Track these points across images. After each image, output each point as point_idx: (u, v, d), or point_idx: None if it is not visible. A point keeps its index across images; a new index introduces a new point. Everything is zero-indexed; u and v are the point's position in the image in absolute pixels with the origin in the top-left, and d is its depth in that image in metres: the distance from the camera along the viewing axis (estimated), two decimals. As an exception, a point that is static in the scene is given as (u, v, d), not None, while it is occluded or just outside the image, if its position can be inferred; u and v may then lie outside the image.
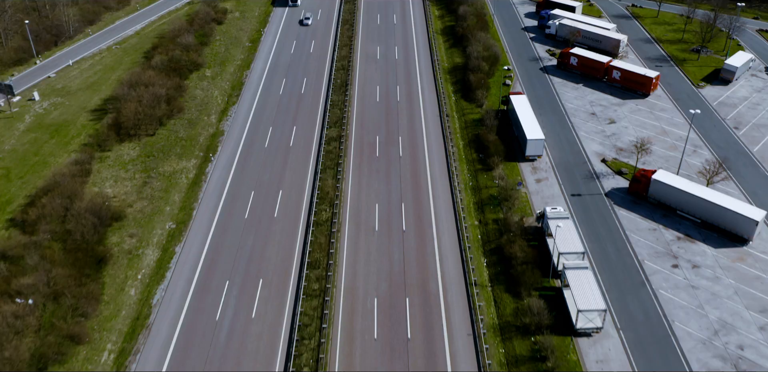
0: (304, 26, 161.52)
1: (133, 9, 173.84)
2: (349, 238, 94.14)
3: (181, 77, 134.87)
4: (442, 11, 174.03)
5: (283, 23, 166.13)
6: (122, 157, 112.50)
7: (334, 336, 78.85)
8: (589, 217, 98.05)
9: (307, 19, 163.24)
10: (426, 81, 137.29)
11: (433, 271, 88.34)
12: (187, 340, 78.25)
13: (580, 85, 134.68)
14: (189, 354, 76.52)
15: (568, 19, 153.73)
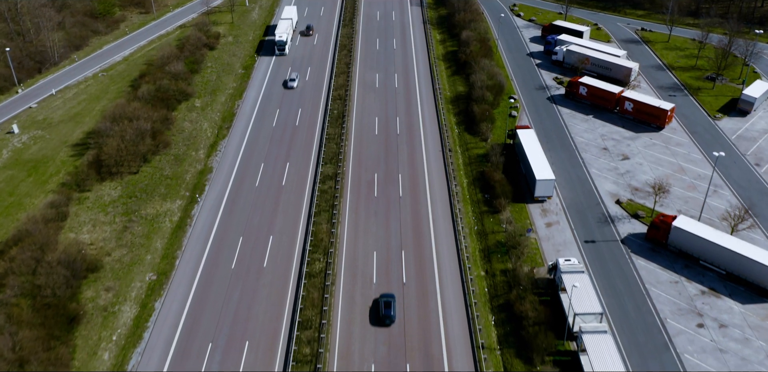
0: (288, 89, 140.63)
1: (123, 33, 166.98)
2: (345, 292, 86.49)
3: (168, 108, 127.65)
4: (444, 35, 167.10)
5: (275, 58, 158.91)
6: (102, 198, 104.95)
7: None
8: (604, 268, 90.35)
9: (292, 81, 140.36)
10: (427, 112, 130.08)
11: (436, 331, 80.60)
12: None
13: (590, 117, 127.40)
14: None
15: (576, 45, 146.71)
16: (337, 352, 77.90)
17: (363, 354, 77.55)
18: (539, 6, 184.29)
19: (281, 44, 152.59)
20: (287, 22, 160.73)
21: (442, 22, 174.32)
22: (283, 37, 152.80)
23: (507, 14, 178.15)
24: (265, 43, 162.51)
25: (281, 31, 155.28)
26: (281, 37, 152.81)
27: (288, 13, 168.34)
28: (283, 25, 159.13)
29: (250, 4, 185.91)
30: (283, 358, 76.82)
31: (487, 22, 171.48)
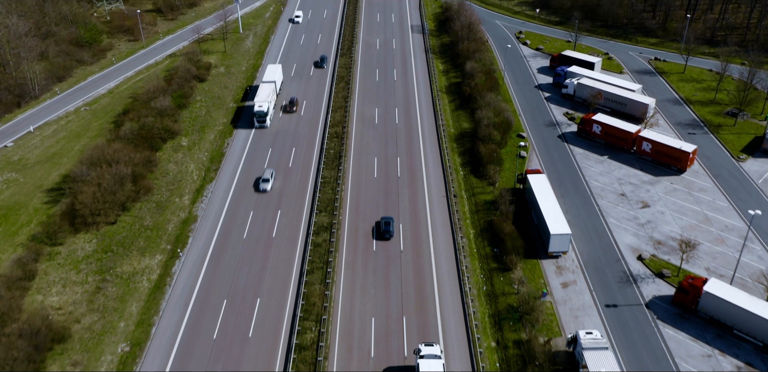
0: (261, 192, 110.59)
1: (109, 63, 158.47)
2: (339, 368, 76.96)
3: (152, 148, 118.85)
4: (447, 65, 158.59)
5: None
6: (75, 253, 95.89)
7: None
8: (629, 339, 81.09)
9: (265, 182, 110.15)
10: (430, 151, 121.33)
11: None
12: None
13: (606, 158, 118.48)
14: None
15: (588, 78, 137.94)
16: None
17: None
18: (546, 33, 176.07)
19: (261, 115, 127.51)
20: (269, 87, 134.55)
21: (445, 51, 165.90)
22: (263, 106, 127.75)
23: (513, 44, 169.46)
24: (244, 111, 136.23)
25: (261, 99, 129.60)
26: (261, 106, 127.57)
27: (271, 74, 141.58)
28: (265, 90, 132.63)
29: (244, 31, 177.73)
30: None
31: (492, 51, 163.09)
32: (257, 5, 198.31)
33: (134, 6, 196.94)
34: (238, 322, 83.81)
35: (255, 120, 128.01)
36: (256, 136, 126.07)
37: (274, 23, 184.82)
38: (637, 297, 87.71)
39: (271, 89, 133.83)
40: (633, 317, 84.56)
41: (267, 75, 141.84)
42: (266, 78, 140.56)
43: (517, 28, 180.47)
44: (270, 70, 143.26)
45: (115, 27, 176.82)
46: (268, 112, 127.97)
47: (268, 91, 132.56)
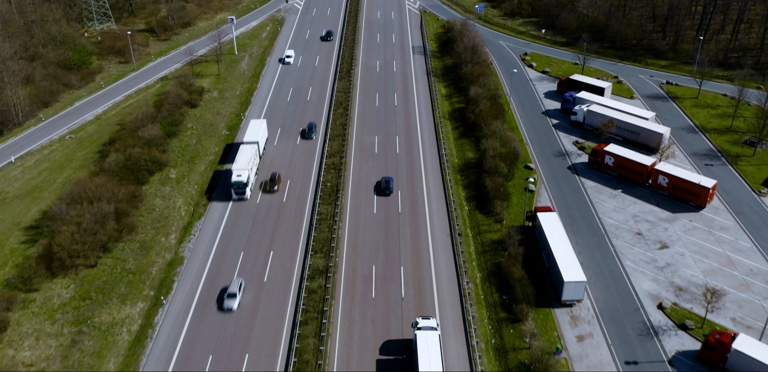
0: (226, 311, 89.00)
1: (97, 87, 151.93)
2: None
3: (138, 182, 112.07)
4: (450, 89, 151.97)
5: (267, 105, 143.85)
6: (51, 301, 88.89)
7: None
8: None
9: (230, 297, 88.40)
10: (433, 184, 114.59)
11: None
12: None
13: (619, 192, 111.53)
14: None
15: (598, 105, 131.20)
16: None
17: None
18: (552, 55, 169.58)
19: (239, 186, 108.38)
20: (250, 150, 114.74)
21: (448, 74, 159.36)
22: (242, 175, 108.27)
23: (518, 66, 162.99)
24: (221, 177, 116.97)
25: (241, 166, 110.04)
26: (239, 175, 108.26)
27: (253, 132, 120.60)
28: (245, 155, 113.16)
29: (239, 52, 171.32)
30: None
31: (497, 74, 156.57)
32: (253, 25, 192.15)
33: (127, 26, 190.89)
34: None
35: (233, 191, 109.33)
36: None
37: (270, 44, 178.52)
38: (659, 352, 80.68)
39: (252, 153, 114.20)
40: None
41: (249, 133, 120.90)
42: (248, 137, 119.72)
43: (522, 49, 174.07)
44: (252, 127, 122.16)
45: (106, 48, 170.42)
46: (247, 182, 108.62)
47: (249, 155, 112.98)
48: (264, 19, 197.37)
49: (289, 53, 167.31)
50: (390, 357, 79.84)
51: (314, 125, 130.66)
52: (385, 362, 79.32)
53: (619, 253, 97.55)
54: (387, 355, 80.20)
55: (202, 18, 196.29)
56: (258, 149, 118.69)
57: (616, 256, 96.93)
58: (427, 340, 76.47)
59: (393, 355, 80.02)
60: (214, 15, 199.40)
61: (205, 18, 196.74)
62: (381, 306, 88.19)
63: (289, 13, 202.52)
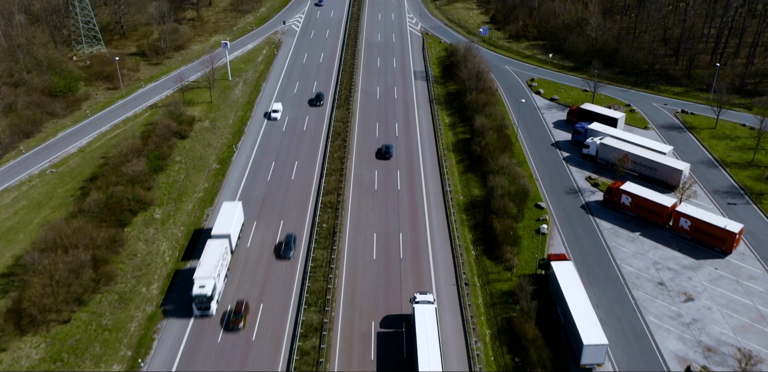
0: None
1: (83, 115, 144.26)
2: None
3: (120, 223, 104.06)
4: (454, 118, 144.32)
5: (261, 135, 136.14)
6: (19, 363, 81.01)
7: None
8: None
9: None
10: (437, 225, 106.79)
11: None
12: None
13: (638, 235, 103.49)
14: None
15: (612, 138, 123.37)
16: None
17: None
18: (561, 80, 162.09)
19: (202, 301, 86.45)
20: (219, 247, 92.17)
21: (452, 101, 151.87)
22: (206, 286, 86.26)
23: (525, 92, 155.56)
24: (181, 282, 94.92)
25: (205, 273, 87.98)
26: (203, 286, 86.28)
27: (224, 222, 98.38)
28: (212, 254, 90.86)
29: (233, 77, 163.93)
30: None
31: (503, 102, 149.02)
32: (249, 48, 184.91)
33: (118, 49, 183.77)
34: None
35: (194, 306, 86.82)
36: (242, 203, 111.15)
37: (266, 69, 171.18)
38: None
39: (222, 251, 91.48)
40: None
41: (219, 223, 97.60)
42: (218, 228, 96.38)
43: (529, 74, 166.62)
44: (224, 214, 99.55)
45: (95, 73, 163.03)
46: (212, 296, 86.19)
47: (217, 256, 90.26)
48: (260, 42, 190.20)
49: (276, 107, 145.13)
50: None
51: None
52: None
53: (640, 306, 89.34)
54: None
55: (196, 41, 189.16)
56: (230, 243, 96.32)
57: (638, 310, 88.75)
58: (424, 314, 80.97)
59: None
60: (209, 38, 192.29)
61: (199, 41, 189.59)
62: (384, 365, 79.72)
63: (286, 36, 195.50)
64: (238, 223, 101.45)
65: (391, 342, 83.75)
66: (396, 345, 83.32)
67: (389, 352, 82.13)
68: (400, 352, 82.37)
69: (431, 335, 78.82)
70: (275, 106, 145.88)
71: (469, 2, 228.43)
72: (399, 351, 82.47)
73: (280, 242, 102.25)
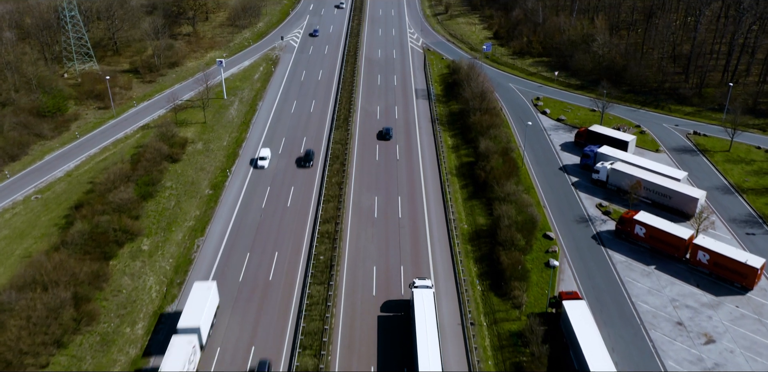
0: None
1: (71, 137, 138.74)
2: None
3: (105, 256, 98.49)
4: (457, 139, 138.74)
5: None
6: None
7: None
8: None
9: None
10: (440, 257, 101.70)
11: None
12: None
13: (653, 269, 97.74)
14: None
15: (623, 163, 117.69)
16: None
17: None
18: (567, 99, 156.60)
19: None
20: (186, 346, 77.11)
21: (454, 121, 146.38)
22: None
23: (531, 112, 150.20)
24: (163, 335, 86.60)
25: (175, 361, 74.57)
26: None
27: (194, 311, 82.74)
28: (176, 356, 75.53)
29: (228, 96, 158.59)
30: None
31: (508, 123, 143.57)
32: (246, 65, 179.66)
33: (110, 65, 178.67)
34: None
35: None
36: (234, 233, 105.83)
37: (263, 87, 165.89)
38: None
39: (189, 351, 76.33)
40: None
41: (187, 313, 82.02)
42: (184, 320, 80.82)
43: (534, 92, 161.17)
44: (193, 302, 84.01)
45: (85, 92, 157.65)
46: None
47: (182, 359, 75.11)
48: (257, 58, 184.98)
49: (263, 154, 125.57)
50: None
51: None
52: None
53: (659, 349, 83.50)
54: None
55: (191, 57, 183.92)
56: (199, 340, 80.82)
57: (656, 353, 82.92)
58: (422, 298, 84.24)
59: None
60: (204, 54, 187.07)
61: (195, 57, 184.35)
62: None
63: (284, 52, 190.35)
64: (210, 310, 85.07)
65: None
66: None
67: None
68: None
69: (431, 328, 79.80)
70: (263, 152, 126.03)
71: (472, 17, 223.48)
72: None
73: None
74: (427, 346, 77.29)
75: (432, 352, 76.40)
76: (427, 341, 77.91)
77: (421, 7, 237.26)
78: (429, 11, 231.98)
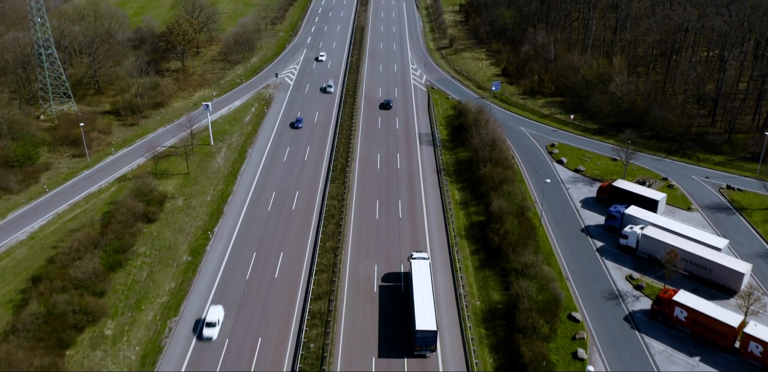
0: None
1: (40, 191, 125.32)
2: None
3: (61, 345, 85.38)
4: (465, 193, 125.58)
5: (243, 216, 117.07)
6: None
7: None
8: None
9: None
10: (450, 342, 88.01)
11: None
12: None
13: (697, 361, 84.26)
14: None
15: (654, 228, 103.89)
16: None
17: None
18: (585, 146, 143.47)
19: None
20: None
21: (462, 172, 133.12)
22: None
23: (547, 165, 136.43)
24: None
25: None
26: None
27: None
28: None
29: (215, 142, 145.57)
30: None
31: (522, 176, 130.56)
32: (236, 105, 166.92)
33: (91, 105, 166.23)
34: None
35: None
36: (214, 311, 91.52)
37: (254, 130, 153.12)
38: None
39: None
40: None
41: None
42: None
43: (548, 138, 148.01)
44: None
45: (60, 137, 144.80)
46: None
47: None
48: (249, 98, 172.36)
49: (211, 318, 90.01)
50: None
51: None
52: None
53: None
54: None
55: (179, 96, 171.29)
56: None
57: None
58: None
59: None
60: (193, 93, 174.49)
61: (182, 96, 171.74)
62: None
63: (278, 90, 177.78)
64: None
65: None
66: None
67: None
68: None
69: None
70: (211, 315, 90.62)
71: (478, 52, 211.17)
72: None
73: None
74: (423, 306, 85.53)
75: (428, 313, 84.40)
76: (423, 302, 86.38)
77: (424, 40, 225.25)
78: (432, 45, 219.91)
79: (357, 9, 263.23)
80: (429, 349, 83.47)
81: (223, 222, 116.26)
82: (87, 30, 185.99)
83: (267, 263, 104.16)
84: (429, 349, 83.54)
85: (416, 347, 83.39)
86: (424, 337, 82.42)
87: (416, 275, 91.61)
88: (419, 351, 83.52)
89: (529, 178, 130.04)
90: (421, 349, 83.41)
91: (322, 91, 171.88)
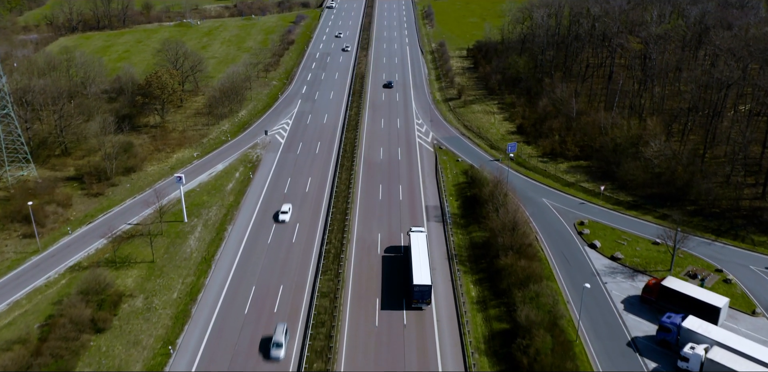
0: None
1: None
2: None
3: None
4: (482, 289, 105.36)
5: (214, 321, 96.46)
6: None
7: None
8: None
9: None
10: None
11: None
12: None
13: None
14: None
15: (722, 349, 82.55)
16: None
17: None
18: (619, 224, 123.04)
19: None
20: None
21: (478, 259, 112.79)
22: None
23: (578, 250, 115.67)
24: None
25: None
26: None
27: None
28: None
29: (190, 218, 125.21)
30: None
31: (551, 270, 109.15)
32: (219, 170, 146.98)
33: (54, 170, 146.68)
34: None
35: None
36: None
37: (236, 202, 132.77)
38: None
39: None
40: None
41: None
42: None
43: (576, 213, 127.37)
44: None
45: (12, 211, 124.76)
46: None
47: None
48: (234, 160, 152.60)
49: None
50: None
51: None
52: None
53: None
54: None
55: (154, 158, 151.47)
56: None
57: None
58: None
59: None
60: (171, 154, 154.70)
61: (158, 158, 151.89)
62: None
63: (267, 150, 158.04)
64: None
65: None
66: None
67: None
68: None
69: None
70: None
71: (489, 104, 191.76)
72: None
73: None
74: (420, 265, 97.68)
75: (423, 270, 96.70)
76: (420, 262, 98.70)
77: (429, 89, 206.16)
78: (439, 95, 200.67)
79: (357, 54, 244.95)
80: (425, 302, 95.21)
81: (189, 330, 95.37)
82: (57, 82, 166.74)
83: None
84: (425, 302, 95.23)
85: (413, 300, 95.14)
86: (421, 291, 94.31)
87: (414, 244, 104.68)
88: (416, 304, 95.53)
89: (558, 272, 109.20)
90: (417, 302, 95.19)
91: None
